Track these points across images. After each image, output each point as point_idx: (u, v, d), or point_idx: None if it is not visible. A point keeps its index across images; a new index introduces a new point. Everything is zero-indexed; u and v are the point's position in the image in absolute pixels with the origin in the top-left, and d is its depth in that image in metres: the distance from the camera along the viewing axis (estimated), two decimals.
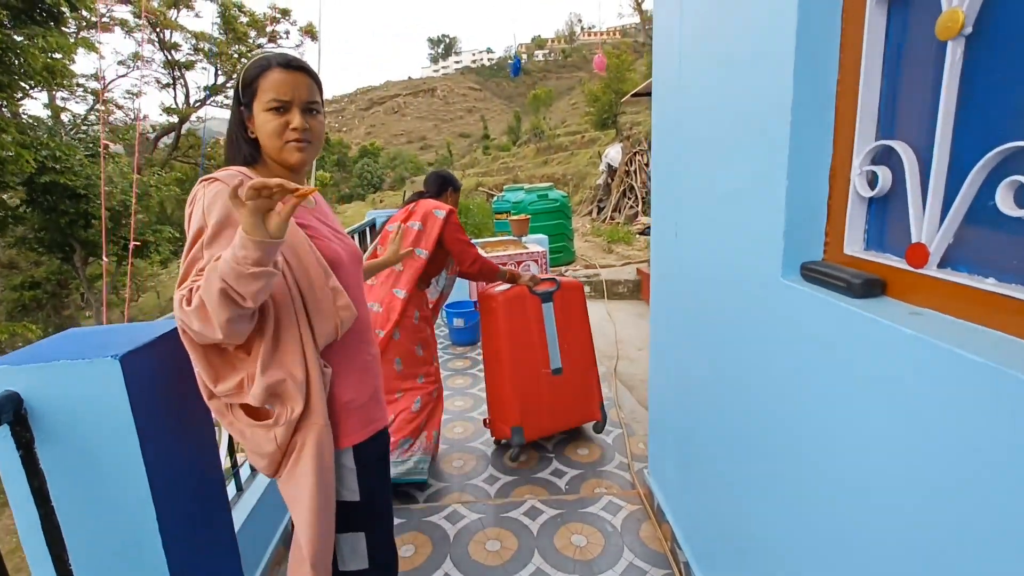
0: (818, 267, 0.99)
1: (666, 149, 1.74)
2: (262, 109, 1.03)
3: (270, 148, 1.05)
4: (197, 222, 0.96)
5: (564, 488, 2.44)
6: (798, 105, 0.98)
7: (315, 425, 1.02)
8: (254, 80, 1.03)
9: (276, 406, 1.01)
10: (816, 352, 0.97)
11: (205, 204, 0.97)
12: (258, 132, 1.05)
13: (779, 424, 1.11)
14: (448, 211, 2.44)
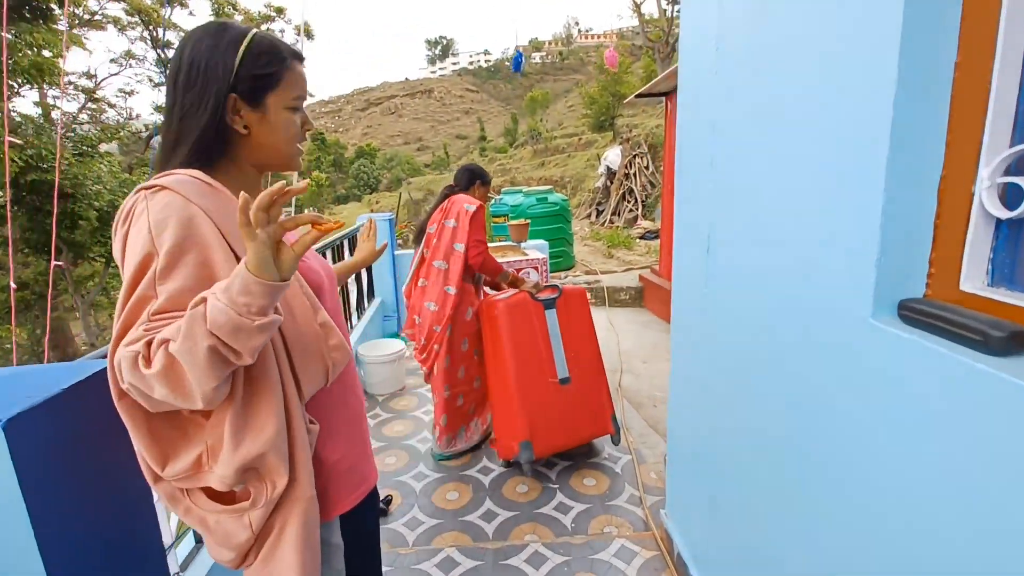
0: (928, 308, 0.75)
1: (695, 150, 1.50)
2: (284, 106, 0.85)
3: (278, 150, 0.87)
4: (142, 247, 0.72)
5: (570, 527, 2.20)
6: (904, 92, 0.74)
7: (300, 500, 0.81)
8: (275, 69, 0.83)
9: (252, 484, 0.79)
10: (922, 421, 0.73)
11: (152, 222, 0.73)
12: (268, 131, 0.85)
13: (857, 502, 0.87)
14: (478, 206, 2.50)
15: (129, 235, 0.74)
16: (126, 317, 0.72)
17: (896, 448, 0.79)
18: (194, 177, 0.79)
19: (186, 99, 0.81)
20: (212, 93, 0.80)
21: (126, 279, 0.73)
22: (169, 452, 0.77)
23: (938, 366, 0.71)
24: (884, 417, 0.80)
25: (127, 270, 0.73)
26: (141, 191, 0.77)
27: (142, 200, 0.75)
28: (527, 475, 2.55)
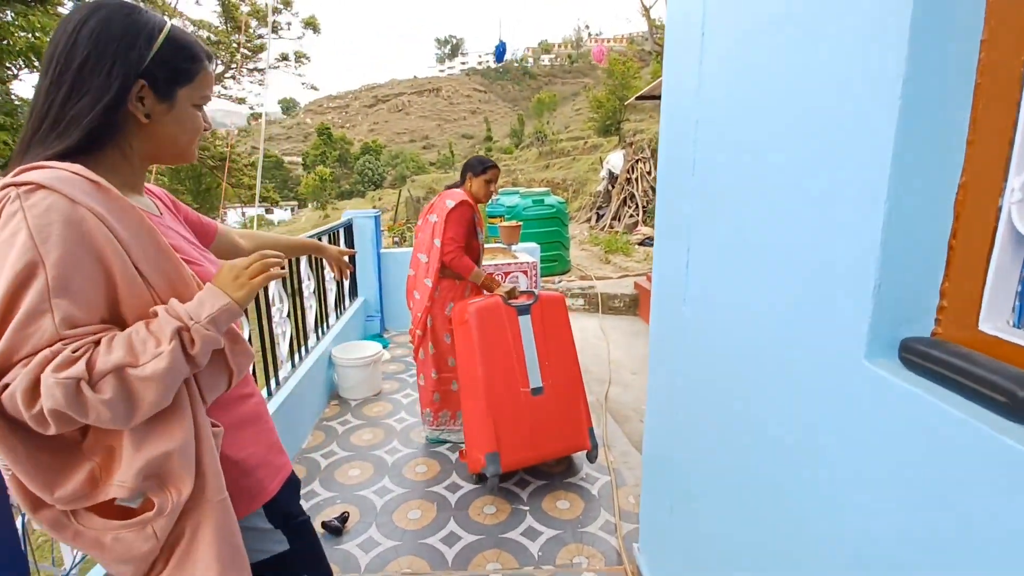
0: (937, 352, 0.59)
1: (676, 152, 1.34)
2: (192, 102, 0.84)
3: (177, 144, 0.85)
4: (21, 255, 0.64)
5: (537, 555, 2.03)
6: (915, 76, 0.58)
7: (211, 503, 0.77)
8: (191, 65, 0.83)
9: (154, 494, 0.73)
10: (924, 493, 0.57)
11: (32, 227, 0.64)
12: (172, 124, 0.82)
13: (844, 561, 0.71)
14: (459, 203, 2.49)
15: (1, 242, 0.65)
16: (13, 336, 0.64)
17: (893, 519, 0.63)
18: (76, 173, 0.70)
19: (85, 78, 0.74)
20: (119, 76, 0.75)
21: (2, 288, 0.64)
22: (58, 476, 0.71)
23: (946, 429, 0.55)
24: (877, 479, 0.64)
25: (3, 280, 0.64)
26: (9, 187, 0.67)
27: (13, 200, 0.66)
28: (493, 492, 2.39)
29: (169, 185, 22.59)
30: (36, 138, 0.75)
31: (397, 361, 4.12)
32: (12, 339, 0.64)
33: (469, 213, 2.53)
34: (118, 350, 0.66)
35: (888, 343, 0.65)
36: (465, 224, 2.52)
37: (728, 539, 1.08)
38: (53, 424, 0.65)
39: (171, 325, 0.69)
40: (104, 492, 0.72)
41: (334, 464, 2.67)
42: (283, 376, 2.74)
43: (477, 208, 2.63)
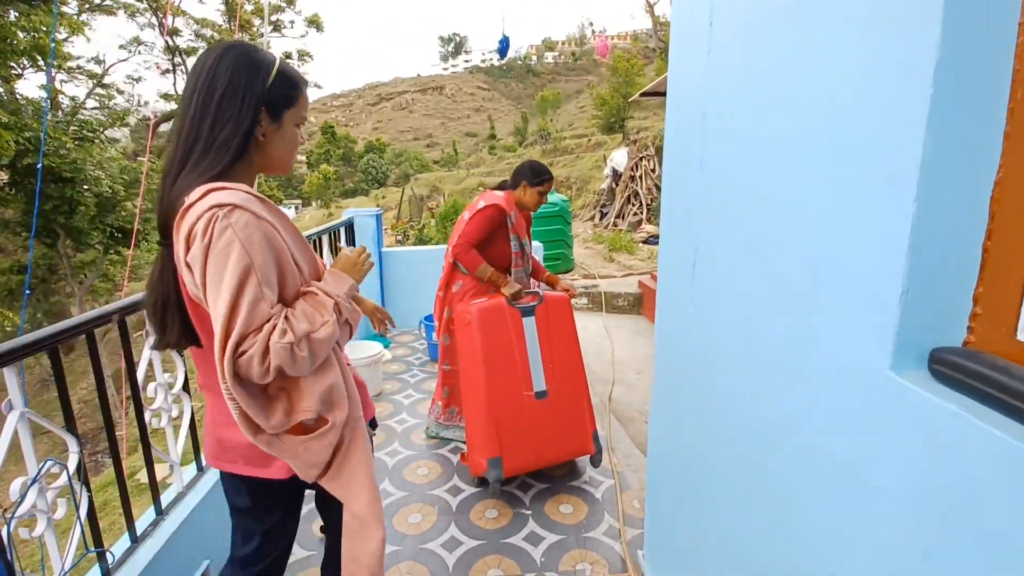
0: (972, 363, 0.54)
1: (683, 147, 1.28)
2: (294, 123, 1.05)
3: (283, 158, 1.06)
4: (239, 260, 0.88)
5: (540, 561, 1.99)
6: (945, 68, 0.53)
7: (355, 419, 1.09)
8: (294, 91, 1.03)
9: (328, 413, 1.02)
10: (955, 509, 0.52)
11: (241, 239, 0.89)
12: (279, 141, 1.03)
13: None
14: (489, 204, 2.49)
15: (215, 248, 0.88)
16: (246, 315, 0.88)
17: (919, 537, 0.58)
18: (248, 193, 0.93)
19: (224, 108, 0.95)
20: (251, 105, 0.96)
21: (231, 284, 0.87)
22: (266, 412, 0.96)
23: (982, 446, 0.50)
24: (902, 495, 0.59)
25: (229, 278, 0.87)
26: (214, 209, 0.89)
27: (222, 219, 0.88)
28: (495, 496, 2.35)
29: None
30: (191, 160, 0.96)
31: (398, 361, 4.08)
32: (246, 320, 0.88)
33: (499, 217, 2.51)
34: (303, 322, 0.93)
35: (916, 353, 0.60)
36: (488, 225, 2.49)
37: (739, 550, 1.03)
38: (272, 376, 0.91)
39: (329, 301, 0.98)
40: (296, 418, 0.99)
41: None
42: None
43: (517, 213, 2.58)
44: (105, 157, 13.48)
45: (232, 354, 0.87)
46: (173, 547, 1.60)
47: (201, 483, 1.85)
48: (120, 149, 17.88)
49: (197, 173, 0.94)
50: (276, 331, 0.89)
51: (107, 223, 13.37)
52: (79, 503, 1.27)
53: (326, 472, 1.07)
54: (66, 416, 1.31)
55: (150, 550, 1.53)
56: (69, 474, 1.24)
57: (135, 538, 1.56)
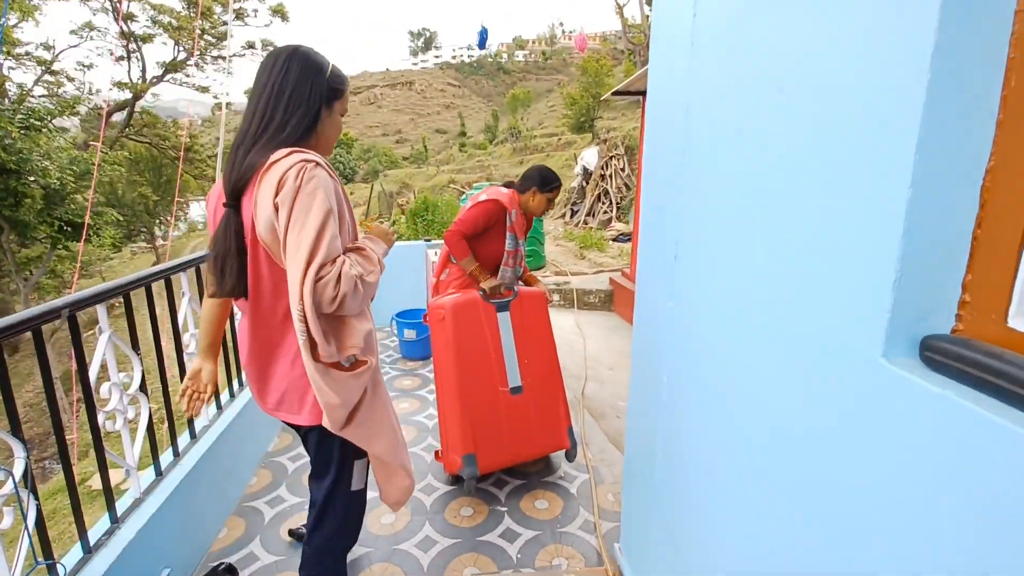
0: (967, 351, 0.54)
1: (665, 137, 1.28)
2: (340, 113, 1.32)
3: (331, 139, 1.33)
4: (323, 203, 1.10)
5: (516, 558, 1.97)
6: (943, 53, 0.53)
7: (378, 370, 1.38)
8: (342, 87, 1.30)
9: (365, 355, 1.25)
10: (952, 494, 0.52)
11: (324, 188, 1.12)
12: (328, 126, 1.29)
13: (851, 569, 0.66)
14: (490, 199, 2.49)
15: (304, 190, 1.09)
16: (328, 245, 1.09)
17: (915, 523, 0.58)
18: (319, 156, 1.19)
19: (295, 97, 1.21)
20: (316, 95, 1.23)
21: (316, 221, 1.09)
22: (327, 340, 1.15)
23: (978, 432, 0.50)
24: (897, 482, 0.59)
25: (315, 215, 1.09)
26: (303, 162, 1.12)
27: (311, 169, 1.12)
28: (470, 493, 2.32)
29: (128, 176, 21.60)
30: (266, 137, 1.19)
31: None
32: (327, 251, 1.08)
33: (498, 213, 2.50)
34: (358, 266, 1.15)
35: (907, 341, 0.60)
36: (485, 219, 2.49)
37: (720, 543, 1.04)
38: (337, 304, 1.10)
39: (374, 255, 1.23)
40: (344, 353, 1.20)
41: (302, 467, 2.55)
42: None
43: (518, 213, 2.57)
44: (53, 147, 12.74)
45: (314, 277, 1.07)
46: (130, 557, 1.51)
47: (161, 488, 1.75)
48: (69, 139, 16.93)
49: (274, 145, 1.17)
50: (347, 264, 1.11)
51: (55, 216, 12.63)
52: (27, 512, 1.17)
53: (351, 420, 1.27)
54: (11, 419, 1.21)
55: (105, 560, 1.44)
56: (15, 481, 1.14)
57: (88, 548, 1.46)
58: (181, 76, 20.95)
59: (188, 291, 2.05)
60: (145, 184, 23.65)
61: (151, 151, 22.45)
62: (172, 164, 22.56)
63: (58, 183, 12.33)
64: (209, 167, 21.20)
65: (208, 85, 21.56)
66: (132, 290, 1.70)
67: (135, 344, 1.71)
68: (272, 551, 1.99)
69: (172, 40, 19.36)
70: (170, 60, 19.88)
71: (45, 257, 14.28)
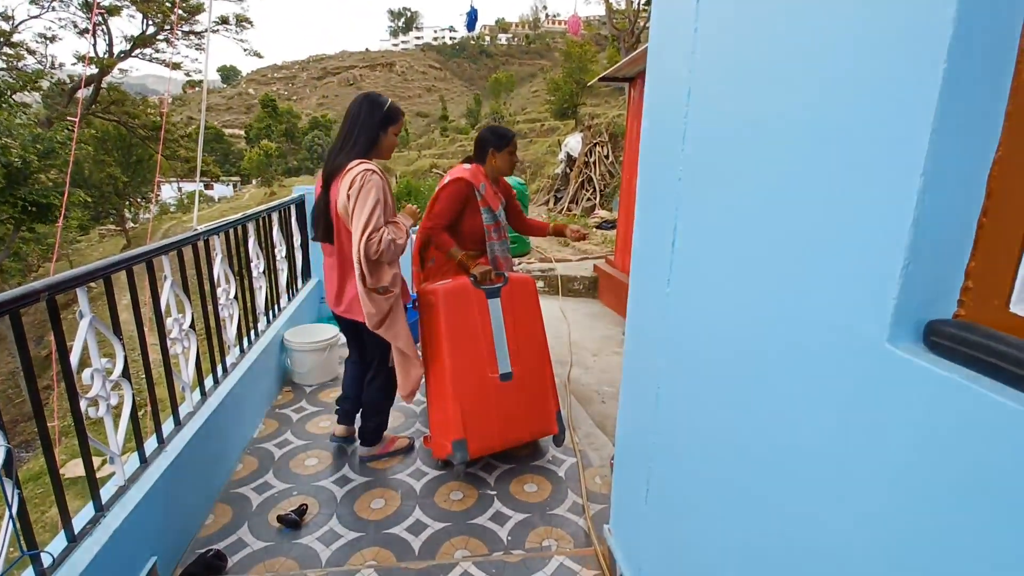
0: (972, 335, 0.56)
1: (664, 122, 1.28)
2: (394, 133, 2.13)
3: (388, 151, 2.16)
4: (376, 196, 1.94)
5: (507, 540, 2.00)
6: (960, 44, 0.54)
7: (400, 296, 2.17)
8: (396, 115, 2.13)
9: (391, 288, 2.10)
10: (958, 474, 0.54)
11: (376, 186, 1.96)
12: (385, 142, 2.12)
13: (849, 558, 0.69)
14: (452, 179, 2.51)
15: (364, 188, 1.94)
16: (376, 221, 1.94)
17: (919, 504, 0.60)
18: (376, 164, 2.04)
19: (365, 123, 2.06)
20: (379, 121, 2.07)
21: (370, 206, 1.93)
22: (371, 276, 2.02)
23: (984, 414, 0.52)
24: (902, 466, 0.61)
25: (369, 203, 1.93)
26: (364, 171, 1.96)
27: (368, 175, 1.95)
28: (459, 478, 2.33)
29: (95, 155, 20.77)
30: (345, 147, 2.05)
31: None
32: (376, 223, 1.93)
33: (465, 190, 2.46)
34: (391, 233, 1.99)
35: (913, 326, 0.62)
36: (455, 201, 2.46)
37: (717, 528, 1.06)
38: (377, 255, 1.97)
39: (404, 226, 2.10)
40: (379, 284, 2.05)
41: (289, 453, 2.53)
42: (231, 362, 2.55)
43: (487, 185, 2.52)
44: (14, 124, 12.16)
45: (365, 239, 1.92)
46: (116, 545, 1.48)
47: (146, 475, 1.72)
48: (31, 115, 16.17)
49: (354, 154, 2.02)
50: (386, 232, 1.96)
51: (18, 196, 12.11)
52: (11, 502, 1.14)
53: (382, 324, 2.10)
54: None
55: (90, 549, 1.41)
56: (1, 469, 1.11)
57: (72, 537, 1.43)
58: (151, 51, 20.12)
59: (170, 275, 1.99)
60: (114, 164, 22.79)
61: (119, 129, 21.60)
62: (141, 144, 21.76)
63: (20, 162, 11.80)
64: (182, 147, 20.50)
65: (179, 62, 20.77)
66: (113, 273, 1.64)
67: (116, 329, 1.66)
68: (261, 537, 1.98)
69: (140, 13, 18.55)
70: (138, 34, 19.07)
71: (8, 239, 13.70)
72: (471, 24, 7.70)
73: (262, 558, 1.88)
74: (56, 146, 12.68)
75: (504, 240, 2.64)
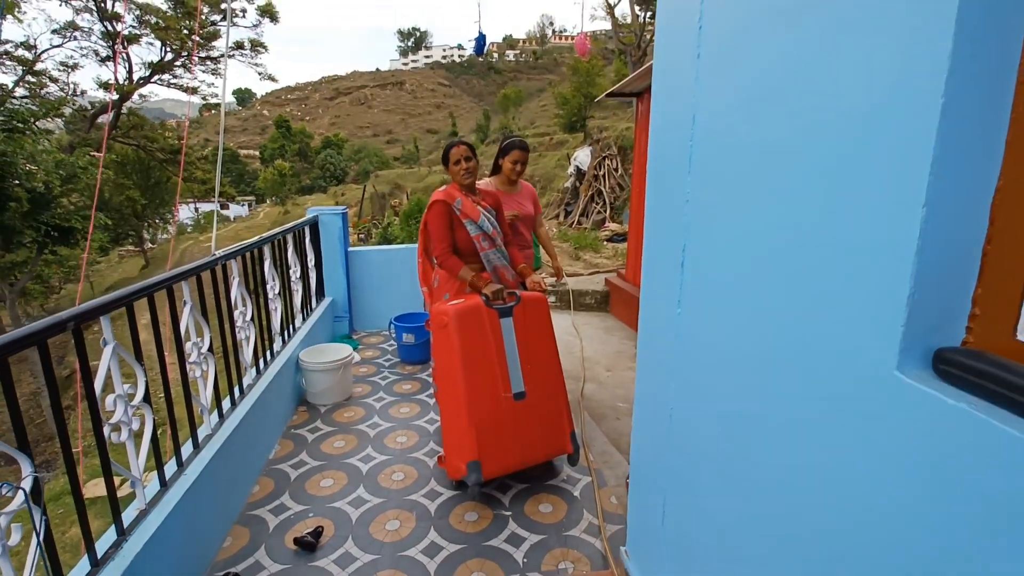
0: (982, 364, 0.56)
1: (669, 147, 1.30)
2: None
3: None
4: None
5: (523, 562, 1.99)
6: (957, 76, 0.55)
7: None
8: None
9: None
10: (968, 503, 0.54)
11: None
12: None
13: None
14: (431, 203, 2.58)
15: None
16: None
17: (929, 531, 0.60)
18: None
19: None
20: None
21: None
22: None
23: (994, 443, 0.52)
24: (910, 493, 0.61)
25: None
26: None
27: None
28: (474, 498, 2.33)
29: (115, 179, 21.32)
30: None
31: (368, 364, 3.98)
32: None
33: (444, 209, 2.54)
34: None
35: (921, 353, 0.62)
36: (443, 221, 2.53)
37: (734, 552, 1.05)
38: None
39: None
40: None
41: (304, 475, 2.55)
42: (247, 383, 2.59)
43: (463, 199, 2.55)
44: (38, 150, 12.56)
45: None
46: (138, 569, 1.50)
47: (166, 499, 1.75)
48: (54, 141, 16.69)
49: None
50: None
51: (41, 220, 12.46)
52: (39, 529, 1.17)
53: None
54: (18, 435, 1.20)
55: (113, 574, 1.43)
56: (27, 496, 1.14)
57: (95, 561, 1.45)
58: (168, 77, 20.72)
59: (190, 300, 2.04)
60: (133, 187, 23.37)
61: (138, 153, 22.19)
62: (160, 166, 22.30)
63: (43, 187, 12.16)
64: (198, 169, 20.98)
65: (196, 86, 21.34)
66: (135, 300, 1.69)
67: (138, 355, 1.70)
68: (278, 560, 1.99)
69: (159, 40, 19.16)
70: (157, 60, 19.67)
71: (31, 262, 14.06)
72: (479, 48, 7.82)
73: None
74: (78, 171, 13.05)
75: (498, 248, 2.63)
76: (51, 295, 17.39)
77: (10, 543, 1.17)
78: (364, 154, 53.06)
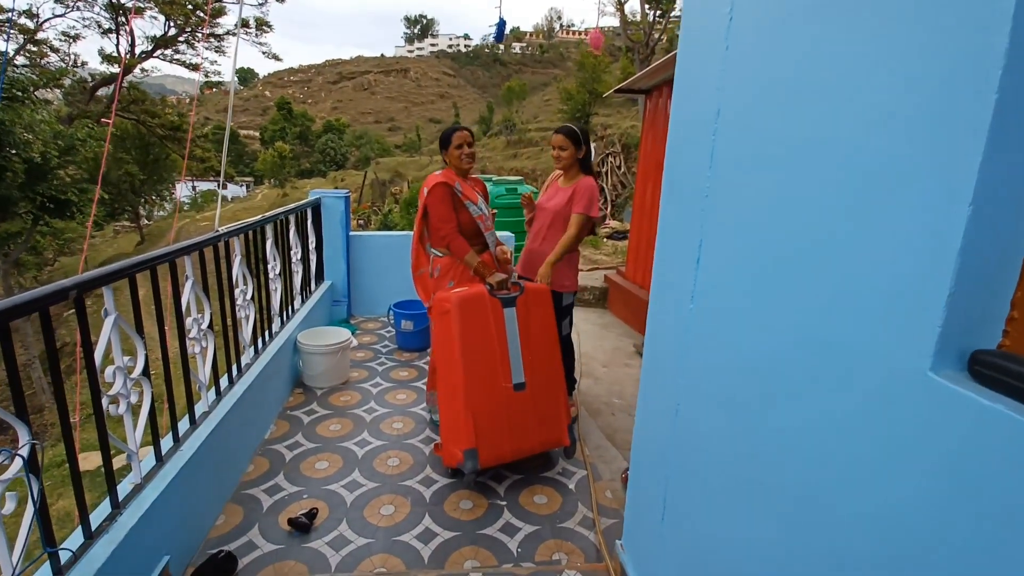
0: (1015, 365, 0.55)
1: (690, 142, 1.28)
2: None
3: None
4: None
5: (516, 552, 1.99)
6: (1012, 72, 0.53)
7: None
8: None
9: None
10: (1000, 514, 0.53)
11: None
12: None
13: None
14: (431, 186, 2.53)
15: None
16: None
17: (962, 540, 0.59)
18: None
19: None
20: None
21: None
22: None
23: None
24: (944, 507, 0.60)
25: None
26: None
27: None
28: (469, 487, 2.33)
29: (114, 153, 21.10)
30: None
31: (365, 348, 3.97)
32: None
33: (447, 191, 2.54)
34: None
35: (956, 355, 0.61)
36: (447, 202, 2.53)
37: (742, 552, 1.05)
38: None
39: None
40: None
41: (300, 456, 2.54)
42: (245, 362, 2.57)
43: (460, 182, 2.57)
44: (36, 120, 12.38)
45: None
46: (132, 543, 1.49)
47: (162, 474, 1.73)
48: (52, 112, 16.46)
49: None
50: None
51: (37, 192, 12.31)
52: (35, 498, 1.15)
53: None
54: (16, 403, 1.18)
55: (106, 547, 1.42)
56: (26, 462, 1.12)
57: (89, 533, 1.43)
58: (171, 52, 20.45)
59: (191, 275, 2.01)
60: (131, 162, 23.12)
61: (138, 128, 21.94)
62: (159, 143, 22.07)
63: (40, 157, 12.00)
64: (198, 147, 20.78)
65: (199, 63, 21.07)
66: (138, 272, 1.66)
67: (139, 327, 1.68)
68: (271, 540, 1.98)
69: (163, 15, 18.89)
70: (160, 35, 19.41)
71: (26, 233, 13.91)
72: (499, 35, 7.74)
73: (271, 561, 1.88)
74: (76, 143, 12.89)
75: (492, 232, 2.72)
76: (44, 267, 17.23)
77: (4, 512, 1.15)
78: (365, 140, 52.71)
